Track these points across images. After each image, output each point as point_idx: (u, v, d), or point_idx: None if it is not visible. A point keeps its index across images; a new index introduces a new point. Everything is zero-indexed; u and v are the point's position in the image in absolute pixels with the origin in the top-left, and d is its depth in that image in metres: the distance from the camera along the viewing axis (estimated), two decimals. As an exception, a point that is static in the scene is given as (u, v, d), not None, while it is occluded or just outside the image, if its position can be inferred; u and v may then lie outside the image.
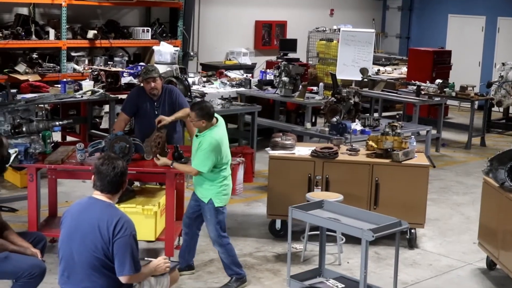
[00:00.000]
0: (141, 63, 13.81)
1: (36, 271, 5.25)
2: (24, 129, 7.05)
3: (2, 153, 5.49)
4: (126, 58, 14.65)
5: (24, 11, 13.54)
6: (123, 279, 4.72)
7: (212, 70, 14.43)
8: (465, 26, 19.21)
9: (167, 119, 7.37)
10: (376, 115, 13.19)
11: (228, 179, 6.66)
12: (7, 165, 5.81)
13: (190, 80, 11.97)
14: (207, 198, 6.52)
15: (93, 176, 4.88)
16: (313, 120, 12.64)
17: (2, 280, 5.57)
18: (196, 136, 6.57)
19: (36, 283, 5.31)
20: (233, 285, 6.69)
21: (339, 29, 16.41)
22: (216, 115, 6.59)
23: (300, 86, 12.22)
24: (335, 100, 10.10)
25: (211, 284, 6.79)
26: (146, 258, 5.17)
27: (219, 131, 6.55)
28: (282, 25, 18.14)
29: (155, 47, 13.83)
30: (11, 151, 6.38)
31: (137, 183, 7.80)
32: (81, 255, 4.72)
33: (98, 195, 4.84)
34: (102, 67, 12.91)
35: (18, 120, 7.07)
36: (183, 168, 6.79)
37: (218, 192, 6.53)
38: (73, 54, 13.92)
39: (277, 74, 12.50)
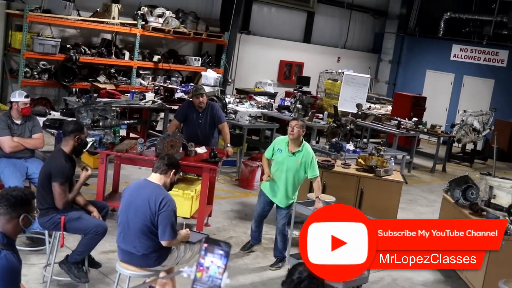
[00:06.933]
0: (191, 84, 13.86)
1: (100, 230, 5.27)
2: (100, 123, 7.10)
3: (82, 139, 5.51)
4: (180, 79, 14.69)
5: (108, 36, 13.65)
6: (163, 242, 4.73)
7: (244, 94, 14.44)
8: (438, 79, 19.09)
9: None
10: (365, 140, 13.13)
11: None
12: (84, 149, 5.81)
13: (227, 100, 11.99)
14: (289, 203, 6.59)
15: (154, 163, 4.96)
16: (317, 139, 12.60)
17: (75, 234, 5.61)
18: (293, 153, 6.54)
19: (99, 239, 5.33)
20: (279, 264, 6.74)
21: (343, 73, 16.36)
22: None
23: (310, 112, 12.21)
24: (335, 125, 10.08)
25: (232, 251, 6.74)
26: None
27: None
28: (300, 65, 18.11)
29: (203, 73, 13.90)
30: (89, 139, 6.41)
31: (180, 173, 7.81)
32: (134, 222, 4.74)
33: (151, 177, 4.85)
34: (161, 84, 12.99)
35: (97, 117, 7.12)
36: (319, 184, 6.64)
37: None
38: (141, 72, 13.97)
39: (293, 102, 12.50)
